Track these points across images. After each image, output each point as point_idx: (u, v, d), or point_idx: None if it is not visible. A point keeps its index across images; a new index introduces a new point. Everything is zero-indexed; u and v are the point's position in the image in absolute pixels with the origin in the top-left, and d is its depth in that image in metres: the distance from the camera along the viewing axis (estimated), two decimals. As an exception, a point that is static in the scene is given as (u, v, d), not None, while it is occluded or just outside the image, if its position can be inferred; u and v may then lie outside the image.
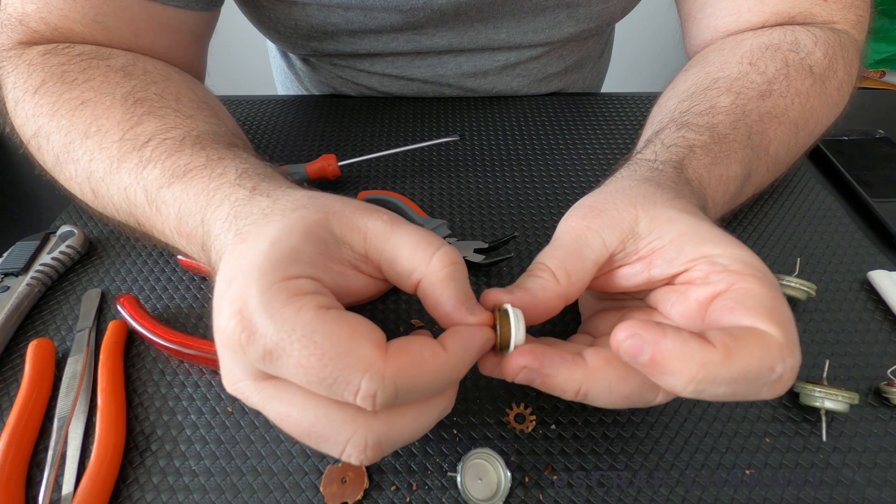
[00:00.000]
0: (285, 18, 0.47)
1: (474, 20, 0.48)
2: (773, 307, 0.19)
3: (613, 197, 0.25)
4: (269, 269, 0.19)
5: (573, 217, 0.25)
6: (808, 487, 0.27)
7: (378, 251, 0.23)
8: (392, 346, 0.19)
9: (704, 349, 0.17)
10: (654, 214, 0.23)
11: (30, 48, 0.35)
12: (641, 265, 0.24)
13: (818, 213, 0.42)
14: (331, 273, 0.22)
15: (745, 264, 0.21)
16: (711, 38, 0.42)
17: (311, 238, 0.21)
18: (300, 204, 0.23)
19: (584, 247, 0.24)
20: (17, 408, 0.28)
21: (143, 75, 0.33)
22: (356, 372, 0.18)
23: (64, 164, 0.31)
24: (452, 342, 0.21)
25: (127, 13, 0.36)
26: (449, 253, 0.23)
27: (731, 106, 0.33)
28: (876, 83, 1.31)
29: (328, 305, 0.20)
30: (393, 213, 0.24)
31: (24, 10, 0.34)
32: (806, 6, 0.39)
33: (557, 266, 0.23)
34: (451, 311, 0.22)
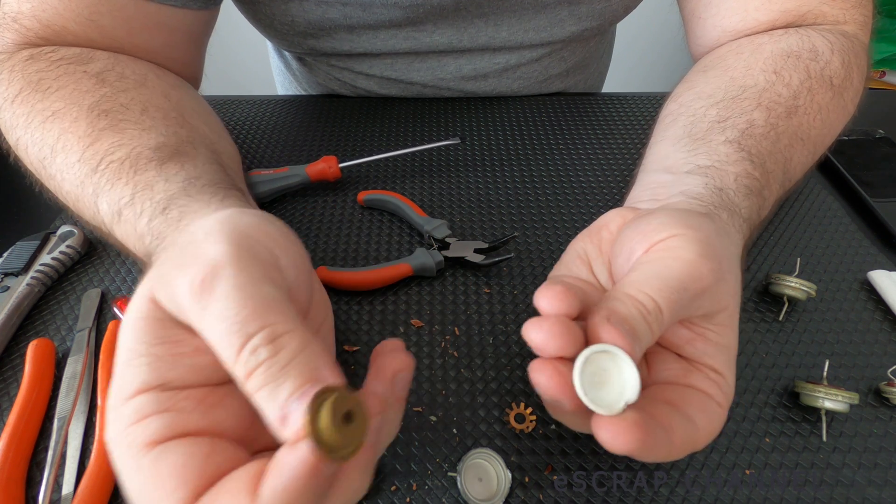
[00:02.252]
0: (282, 14, 0.46)
1: (474, 16, 0.48)
2: (712, 432, 0.22)
3: (730, 267, 0.23)
4: (115, 389, 0.19)
5: (707, 264, 0.21)
6: (808, 487, 0.27)
7: (199, 334, 0.19)
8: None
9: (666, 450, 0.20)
10: (733, 314, 0.23)
11: (18, 52, 0.35)
12: (687, 335, 0.23)
13: (818, 213, 0.42)
14: (180, 364, 0.19)
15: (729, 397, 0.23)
16: (718, 37, 0.41)
17: (141, 331, 0.19)
18: (151, 271, 0.21)
19: (691, 307, 0.21)
20: (17, 408, 0.28)
21: (117, 82, 0.33)
22: None
23: (44, 178, 0.32)
24: (266, 488, 0.16)
25: (122, 12, 0.35)
26: (248, 360, 0.17)
27: (767, 127, 0.32)
28: (876, 83, 1.31)
29: (157, 438, 0.18)
30: (211, 268, 0.19)
31: (19, 8, 0.34)
32: (815, 4, 0.38)
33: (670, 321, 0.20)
34: (271, 430, 0.17)
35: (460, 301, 0.36)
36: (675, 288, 0.20)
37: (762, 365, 0.32)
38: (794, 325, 0.34)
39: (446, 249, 0.37)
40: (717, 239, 0.23)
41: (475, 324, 0.34)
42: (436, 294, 0.36)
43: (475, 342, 0.33)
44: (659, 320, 0.20)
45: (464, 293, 0.36)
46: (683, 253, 0.21)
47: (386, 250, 0.39)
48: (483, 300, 0.36)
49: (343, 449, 0.16)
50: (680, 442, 0.20)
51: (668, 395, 0.22)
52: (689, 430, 0.21)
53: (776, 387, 0.31)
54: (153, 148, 0.30)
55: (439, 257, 0.37)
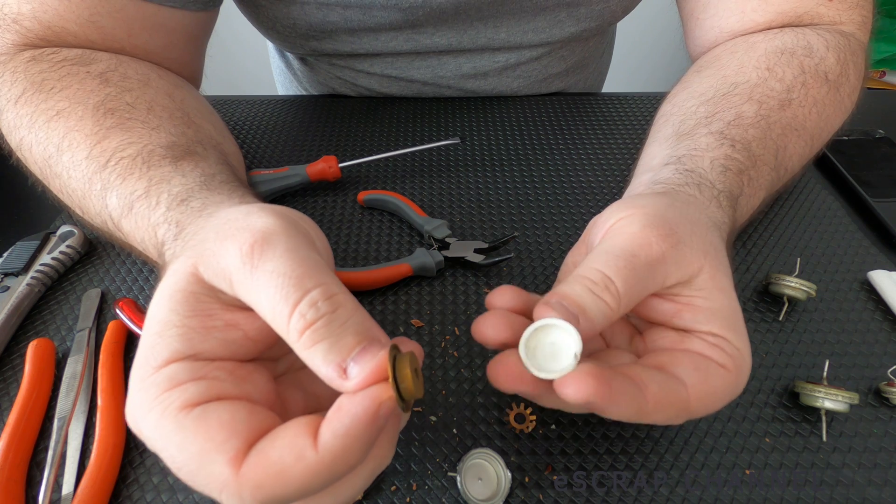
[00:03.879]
0: (283, 17, 0.47)
1: (474, 19, 0.48)
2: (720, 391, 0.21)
3: (692, 230, 0.23)
4: (142, 360, 0.19)
5: (653, 232, 0.22)
6: (808, 487, 0.27)
7: (245, 303, 0.19)
8: (251, 457, 0.17)
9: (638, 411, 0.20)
10: (714, 275, 0.23)
11: (19, 54, 0.35)
12: (671, 307, 0.23)
13: (818, 213, 0.42)
14: (212, 336, 0.19)
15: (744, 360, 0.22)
16: (716, 38, 0.42)
17: (178, 303, 0.19)
18: (185, 250, 0.21)
19: (653, 276, 0.21)
20: (17, 408, 0.28)
21: (121, 82, 0.33)
22: (212, 490, 0.17)
23: (49, 178, 0.32)
24: (327, 430, 0.17)
25: (122, 13, 0.35)
26: (306, 314, 0.18)
27: (756, 117, 0.32)
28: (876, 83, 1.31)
29: (195, 401, 0.18)
30: (263, 232, 0.20)
31: (19, 9, 0.34)
32: (812, 6, 0.38)
33: (626, 293, 0.21)
34: (327, 380, 0.18)
35: (460, 301, 0.36)
36: (620, 256, 0.21)
37: (762, 365, 0.32)
38: (794, 325, 0.34)
39: (446, 249, 0.37)
40: (671, 209, 0.24)
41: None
42: (436, 294, 0.36)
43: (475, 342, 0.33)
44: (610, 289, 0.21)
45: (464, 293, 0.36)
46: (628, 228, 0.23)
47: (386, 250, 0.39)
48: (483, 300, 0.35)
49: (411, 399, 0.18)
50: (656, 399, 0.20)
51: (655, 359, 0.22)
52: (670, 387, 0.20)
53: (776, 387, 0.31)
54: (165, 146, 0.30)
55: (439, 257, 0.37)
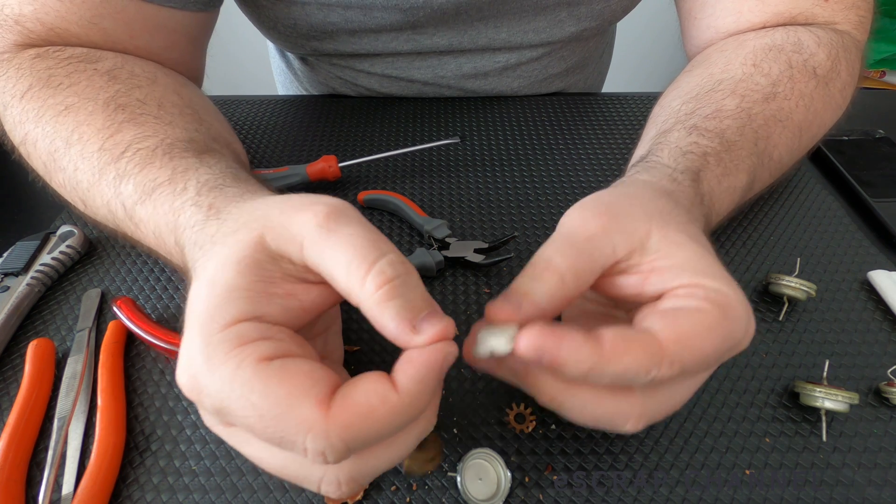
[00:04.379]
0: (284, 18, 0.47)
1: (474, 19, 0.48)
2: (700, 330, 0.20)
3: (631, 202, 0.24)
4: (207, 319, 0.19)
5: (587, 212, 0.23)
6: (808, 487, 0.27)
7: (314, 264, 0.21)
8: (336, 400, 0.18)
9: (592, 354, 0.19)
10: (666, 233, 0.23)
11: (22, 52, 0.35)
12: (637, 278, 0.23)
13: (818, 213, 0.42)
14: (274, 302, 0.20)
15: (728, 297, 0.21)
16: (712, 38, 0.42)
17: (245, 267, 0.20)
18: (241, 223, 0.22)
19: (595, 249, 0.22)
20: (17, 408, 0.28)
21: (129, 79, 0.33)
22: (298, 433, 0.17)
23: (52, 172, 0.32)
24: (404, 377, 0.19)
25: (123, 14, 0.35)
26: (384, 269, 0.20)
27: (737, 109, 0.33)
28: (876, 83, 1.31)
29: (271, 355, 0.19)
30: (334, 206, 0.21)
31: (20, 10, 0.34)
32: (807, 6, 0.39)
33: (569, 268, 0.22)
34: (396, 336, 0.20)
35: (460, 301, 0.36)
36: (557, 240, 0.23)
37: (762, 365, 0.32)
38: (794, 325, 0.34)
39: (446, 249, 0.37)
40: (606, 194, 0.25)
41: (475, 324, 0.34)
42: (436, 294, 0.36)
43: (475, 342, 0.33)
44: (550, 268, 0.21)
45: (464, 293, 0.36)
46: (564, 219, 0.24)
47: (386, 250, 0.39)
48: (483, 300, 0.36)
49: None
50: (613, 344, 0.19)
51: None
52: (630, 333, 0.20)
53: (776, 387, 0.31)
54: (185, 140, 0.30)
55: (439, 257, 0.37)
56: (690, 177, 0.28)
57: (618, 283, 0.24)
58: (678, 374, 0.20)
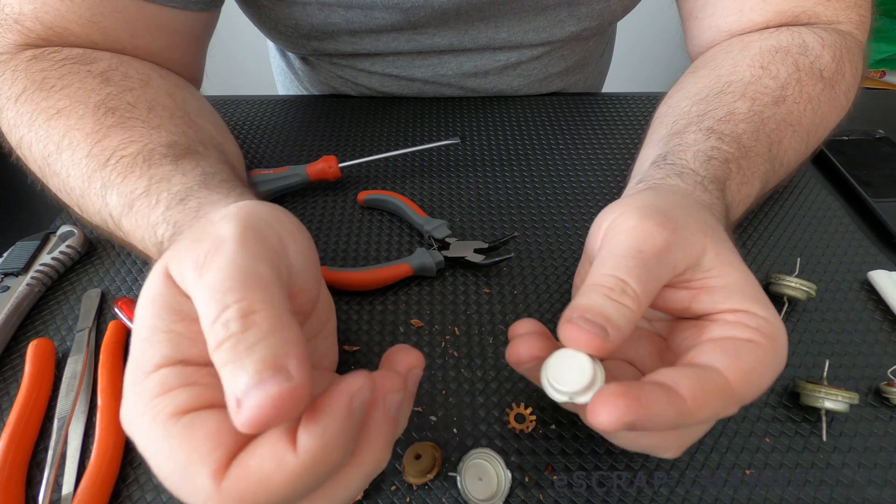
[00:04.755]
0: (285, 18, 0.47)
1: (475, 19, 0.48)
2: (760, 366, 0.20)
3: (686, 214, 0.23)
4: (133, 365, 0.19)
5: (650, 223, 0.22)
6: (808, 487, 0.27)
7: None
8: (233, 468, 0.17)
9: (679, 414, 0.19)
10: (719, 252, 0.22)
11: (21, 52, 0.35)
12: (687, 294, 0.23)
13: (818, 213, 0.42)
14: (199, 341, 0.19)
15: (775, 328, 0.21)
16: (714, 37, 0.42)
17: (160, 308, 0.19)
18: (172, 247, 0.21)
19: (663, 266, 0.21)
20: (17, 408, 0.28)
21: (122, 81, 0.33)
22: (196, 501, 0.17)
23: (48, 176, 0.32)
24: (303, 433, 0.17)
25: (123, 14, 0.35)
26: (225, 323, 0.17)
27: (749, 113, 0.32)
28: (876, 83, 1.31)
29: (184, 408, 0.18)
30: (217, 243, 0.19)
31: (20, 9, 0.34)
32: (809, 5, 0.39)
33: (644, 291, 0.20)
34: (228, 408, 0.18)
35: (460, 301, 0.36)
36: (627, 256, 0.21)
37: (762, 365, 0.32)
38: (794, 325, 0.34)
39: (446, 249, 0.37)
40: (660, 199, 0.24)
41: (475, 324, 0.34)
42: (436, 294, 0.36)
43: (475, 342, 0.33)
44: (628, 291, 0.20)
45: (464, 293, 0.36)
46: (625, 224, 0.23)
47: (386, 250, 0.39)
48: (483, 300, 0.36)
49: None
50: (693, 394, 0.19)
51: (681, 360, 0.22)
52: (704, 377, 0.19)
53: (776, 387, 0.31)
54: (166, 145, 0.30)
55: (439, 257, 0.37)
56: (718, 187, 0.28)
57: (666, 296, 0.23)
58: (737, 409, 0.20)
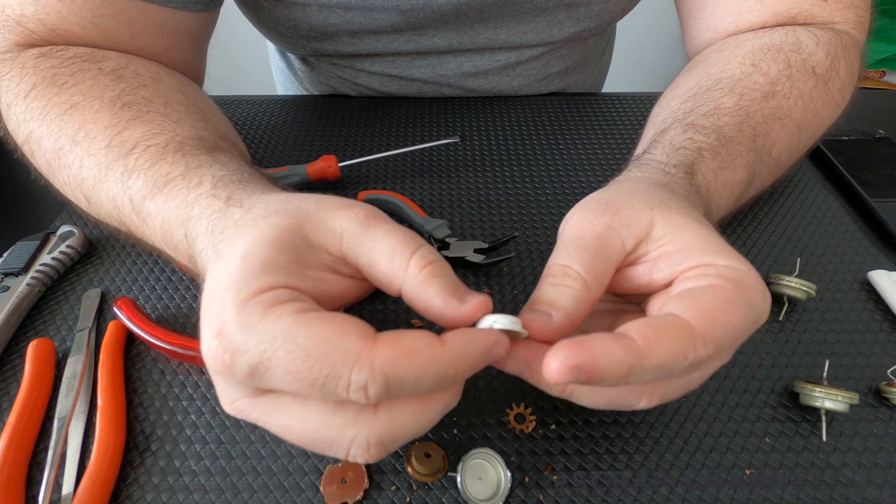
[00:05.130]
0: (285, 19, 0.47)
1: (474, 21, 0.48)
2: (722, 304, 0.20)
3: (630, 196, 0.24)
4: (242, 285, 0.19)
5: (590, 213, 0.24)
6: (808, 487, 0.27)
7: (354, 255, 0.22)
8: (382, 337, 0.19)
9: (629, 353, 0.18)
10: (669, 218, 0.23)
11: (25, 51, 0.35)
12: (645, 267, 0.23)
13: (818, 213, 0.42)
14: (307, 280, 0.21)
15: (739, 271, 0.21)
16: (711, 38, 0.42)
17: (282, 246, 0.21)
18: (272, 210, 0.22)
19: (606, 246, 0.22)
20: (17, 408, 0.28)
21: (134, 78, 0.33)
22: (344, 365, 0.18)
23: (56, 169, 0.32)
24: (453, 335, 0.20)
25: (124, 15, 0.36)
26: (426, 254, 0.21)
27: (735, 107, 0.33)
28: (876, 83, 1.31)
29: (307, 309, 0.19)
30: (370, 209, 0.23)
31: (22, 11, 0.34)
32: (806, 6, 0.39)
33: (587, 270, 0.22)
34: (442, 307, 0.21)
35: (460, 301, 0.35)
36: (569, 244, 0.23)
37: (762, 365, 0.32)
38: (794, 325, 0.34)
39: (446, 249, 0.37)
40: (604, 192, 0.26)
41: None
42: (436, 294, 0.36)
43: (475, 342, 0.33)
44: (569, 273, 0.22)
45: (464, 293, 0.36)
46: (568, 222, 0.25)
47: (386, 250, 0.39)
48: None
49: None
50: (645, 337, 0.19)
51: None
52: (658, 321, 0.19)
53: (776, 387, 0.31)
54: (195, 138, 0.30)
55: (439, 257, 0.37)
56: (683, 169, 0.28)
57: (627, 275, 0.24)
58: (714, 351, 0.19)
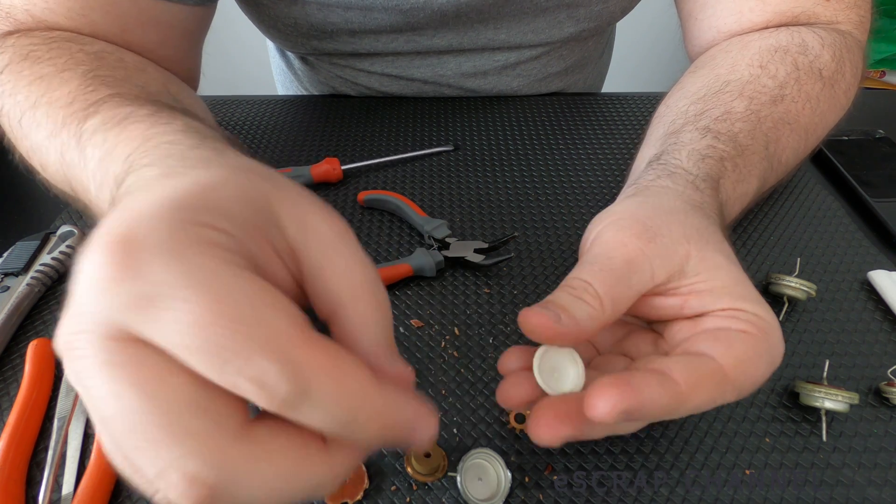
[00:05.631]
0: (285, 17, 0.47)
1: (474, 21, 0.48)
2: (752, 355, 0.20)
3: (668, 220, 0.24)
4: (184, 205, 0.15)
5: (624, 233, 0.23)
6: (808, 487, 0.27)
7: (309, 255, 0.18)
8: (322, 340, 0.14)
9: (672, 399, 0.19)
10: (704, 256, 0.23)
11: (9, 35, 0.34)
12: (676, 300, 0.23)
13: (818, 213, 0.42)
14: (257, 248, 0.16)
15: (767, 323, 0.21)
16: (713, 38, 0.42)
17: (247, 201, 0.17)
18: (249, 167, 0.19)
19: (634, 274, 0.22)
20: (17, 408, 0.28)
21: (116, 63, 0.32)
22: (256, 344, 0.13)
23: (18, 140, 0.30)
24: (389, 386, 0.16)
25: (115, 8, 0.35)
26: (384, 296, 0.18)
27: (746, 112, 0.32)
28: (876, 83, 1.31)
29: (248, 269, 0.15)
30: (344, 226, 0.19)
31: (10, 2, 0.34)
32: (809, 6, 0.39)
33: (607, 294, 0.21)
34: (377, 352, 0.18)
35: (460, 301, 0.36)
36: (596, 262, 0.23)
37: (762, 365, 0.32)
38: (794, 325, 0.34)
39: (446, 249, 0.37)
40: (643, 207, 0.25)
41: (475, 324, 0.34)
42: (436, 294, 0.36)
43: (475, 342, 0.33)
44: (588, 290, 0.21)
45: (464, 293, 0.36)
46: (603, 236, 0.24)
47: (386, 250, 0.39)
48: (483, 300, 0.36)
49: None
50: (686, 380, 0.19)
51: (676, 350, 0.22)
52: (697, 363, 0.20)
53: (776, 387, 0.31)
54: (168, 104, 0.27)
55: (439, 257, 0.37)
56: (711, 185, 0.28)
57: (655, 304, 0.23)
58: (735, 397, 0.20)
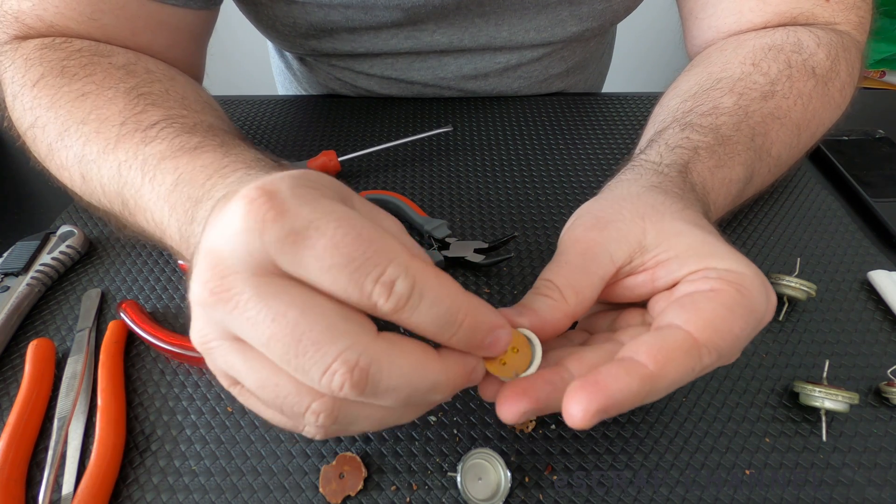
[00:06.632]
0: (284, 16, 0.47)
1: (475, 15, 0.48)
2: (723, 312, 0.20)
3: (620, 206, 0.24)
4: (298, 177, 0.18)
5: (578, 228, 0.24)
6: (808, 487, 0.27)
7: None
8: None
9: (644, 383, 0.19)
10: (662, 227, 0.23)
11: (25, 42, 0.34)
12: (646, 276, 0.23)
13: (818, 213, 0.42)
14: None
15: (740, 275, 0.21)
16: (713, 38, 0.42)
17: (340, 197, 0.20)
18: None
19: (590, 262, 0.23)
20: (17, 408, 0.28)
21: (146, 74, 0.33)
22: (384, 257, 0.17)
23: (56, 151, 0.31)
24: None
25: (124, 11, 0.35)
26: None
27: (734, 107, 0.33)
28: (876, 83, 1.31)
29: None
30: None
31: (20, 6, 0.34)
32: (808, 7, 0.39)
33: (565, 284, 0.23)
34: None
35: (460, 301, 0.35)
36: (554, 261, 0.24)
37: (762, 365, 0.32)
38: (794, 325, 0.34)
39: (446, 249, 0.37)
40: (595, 203, 0.26)
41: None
42: (436, 294, 0.36)
43: (475, 342, 0.33)
44: (549, 286, 0.23)
45: (464, 293, 0.36)
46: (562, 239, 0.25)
47: (386, 250, 0.39)
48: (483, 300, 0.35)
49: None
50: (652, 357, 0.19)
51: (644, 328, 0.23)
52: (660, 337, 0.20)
53: (776, 387, 0.31)
54: (220, 128, 0.29)
55: (439, 257, 0.37)
56: (677, 168, 0.28)
57: (627, 286, 0.24)
58: (717, 360, 0.20)
